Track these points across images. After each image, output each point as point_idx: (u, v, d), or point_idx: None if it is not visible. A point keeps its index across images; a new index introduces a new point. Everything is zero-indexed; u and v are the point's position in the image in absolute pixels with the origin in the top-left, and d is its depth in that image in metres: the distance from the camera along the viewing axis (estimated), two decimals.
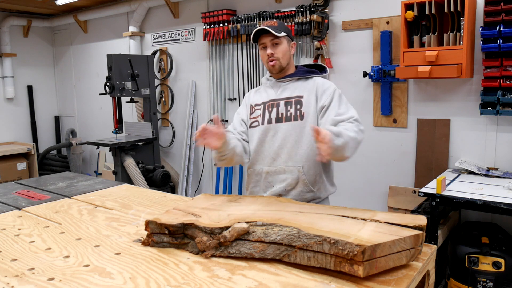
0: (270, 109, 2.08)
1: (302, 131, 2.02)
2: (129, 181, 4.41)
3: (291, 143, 2.02)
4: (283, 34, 2.03)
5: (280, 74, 2.10)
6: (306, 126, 2.01)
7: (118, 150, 4.54)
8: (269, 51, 2.05)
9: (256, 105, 2.14)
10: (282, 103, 2.06)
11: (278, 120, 2.06)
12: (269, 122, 2.07)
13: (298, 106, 2.03)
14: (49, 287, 1.27)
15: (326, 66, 2.19)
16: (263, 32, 2.04)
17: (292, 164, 2.03)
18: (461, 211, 3.21)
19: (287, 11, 3.94)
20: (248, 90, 4.28)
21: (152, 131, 4.77)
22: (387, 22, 3.47)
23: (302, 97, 2.04)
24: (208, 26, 4.53)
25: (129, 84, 4.60)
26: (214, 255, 1.44)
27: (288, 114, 2.04)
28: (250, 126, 2.14)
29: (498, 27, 2.82)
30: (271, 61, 2.05)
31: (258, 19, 4.11)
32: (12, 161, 5.70)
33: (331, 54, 3.82)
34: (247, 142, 2.16)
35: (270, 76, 2.16)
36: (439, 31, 3.05)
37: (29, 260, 1.47)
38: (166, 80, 5.26)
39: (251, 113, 2.15)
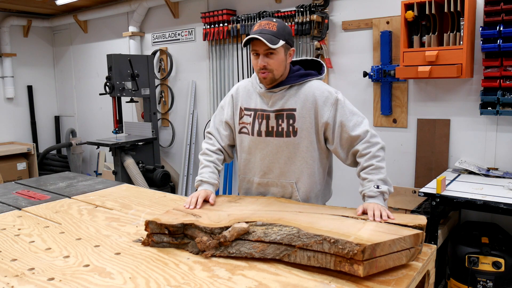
0: (260, 119, 1.91)
1: (295, 148, 1.87)
2: (129, 181, 4.41)
3: (284, 159, 1.89)
4: (280, 43, 1.77)
5: (271, 84, 1.88)
6: (300, 143, 1.86)
7: (118, 150, 4.53)
8: (261, 62, 1.80)
9: (246, 109, 1.96)
10: (272, 115, 1.88)
11: (268, 134, 1.89)
12: (259, 134, 1.91)
13: (291, 121, 1.86)
14: (49, 287, 1.27)
15: (323, 64, 1.97)
16: (256, 38, 1.77)
17: (285, 180, 1.92)
18: (461, 211, 3.20)
19: (287, 11, 3.93)
20: None
21: (152, 131, 4.77)
22: (387, 22, 3.47)
23: (294, 110, 1.85)
24: (208, 26, 4.53)
25: (129, 84, 4.60)
26: (214, 255, 1.44)
27: (280, 129, 1.87)
28: (240, 132, 1.99)
29: (498, 27, 2.82)
30: (263, 73, 1.82)
31: (258, 19, 4.11)
32: (12, 161, 5.70)
33: (331, 54, 3.82)
34: (230, 144, 2.06)
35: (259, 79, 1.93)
36: (439, 31, 3.05)
37: (29, 260, 1.47)
38: (166, 80, 5.26)
39: (240, 117, 1.98)
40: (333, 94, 1.87)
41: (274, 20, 1.83)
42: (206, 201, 1.82)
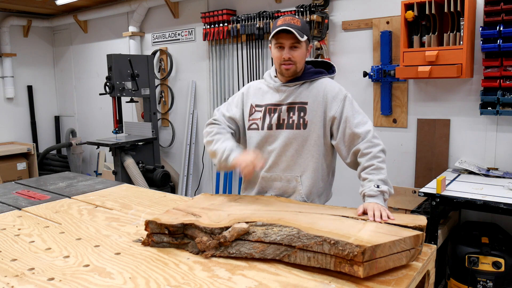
0: (271, 114, 1.95)
1: (304, 140, 1.91)
2: (129, 181, 4.41)
3: (291, 152, 1.92)
4: (305, 38, 1.85)
5: (292, 77, 1.94)
6: (309, 135, 1.90)
7: (118, 150, 4.54)
8: (286, 54, 1.85)
9: (256, 105, 2.00)
10: (284, 108, 1.93)
11: (279, 126, 1.93)
12: (269, 128, 1.94)
13: (302, 114, 1.90)
14: (49, 287, 1.27)
15: (333, 65, 2.04)
16: (284, 31, 1.83)
17: (290, 173, 1.94)
18: (461, 211, 3.20)
19: (287, 11, 3.93)
20: None
21: (152, 131, 4.77)
22: (387, 22, 3.47)
23: (306, 103, 1.91)
24: (208, 26, 4.53)
25: (129, 84, 4.60)
26: (214, 255, 1.44)
27: (290, 121, 1.91)
28: (249, 128, 2.01)
29: (498, 27, 2.82)
30: (287, 64, 1.88)
31: (258, 19, 4.11)
32: (12, 161, 5.70)
33: (331, 54, 3.82)
34: (232, 134, 2.05)
35: (275, 76, 1.99)
36: (439, 31, 3.05)
37: (29, 260, 1.47)
38: (166, 80, 5.26)
39: (250, 114, 2.01)
40: (343, 91, 1.95)
41: (297, 17, 1.92)
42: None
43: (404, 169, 3.54)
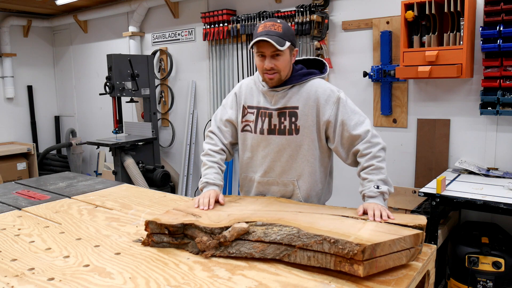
0: (263, 117, 1.92)
1: (297, 146, 1.88)
2: (129, 181, 4.41)
3: (286, 157, 1.90)
4: (287, 45, 1.78)
5: (277, 84, 1.89)
6: (302, 141, 1.87)
7: (118, 150, 4.54)
8: (268, 64, 1.80)
9: (249, 107, 1.97)
10: (275, 113, 1.89)
11: (271, 131, 1.90)
12: (261, 132, 1.92)
13: (293, 119, 1.86)
14: (49, 287, 1.27)
15: (325, 63, 1.99)
16: (265, 40, 1.76)
17: (286, 178, 1.92)
18: (461, 211, 3.20)
19: (287, 11, 3.93)
20: None
21: (152, 131, 4.77)
22: (387, 22, 3.47)
23: (297, 108, 1.86)
24: (208, 26, 4.53)
25: (129, 84, 4.60)
26: (214, 255, 1.44)
27: (282, 127, 1.88)
28: (243, 130, 1.99)
29: (498, 27, 2.82)
30: (270, 74, 1.82)
31: (258, 19, 4.11)
32: (12, 161, 5.70)
33: (331, 54, 3.82)
34: (232, 142, 2.05)
35: (262, 79, 1.92)
36: (439, 31, 3.05)
37: (29, 260, 1.47)
38: (166, 80, 5.26)
39: (243, 115, 1.98)
40: (335, 92, 1.88)
41: (278, 21, 1.83)
42: (216, 201, 1.81)
43: (404, 169, 3.54)
